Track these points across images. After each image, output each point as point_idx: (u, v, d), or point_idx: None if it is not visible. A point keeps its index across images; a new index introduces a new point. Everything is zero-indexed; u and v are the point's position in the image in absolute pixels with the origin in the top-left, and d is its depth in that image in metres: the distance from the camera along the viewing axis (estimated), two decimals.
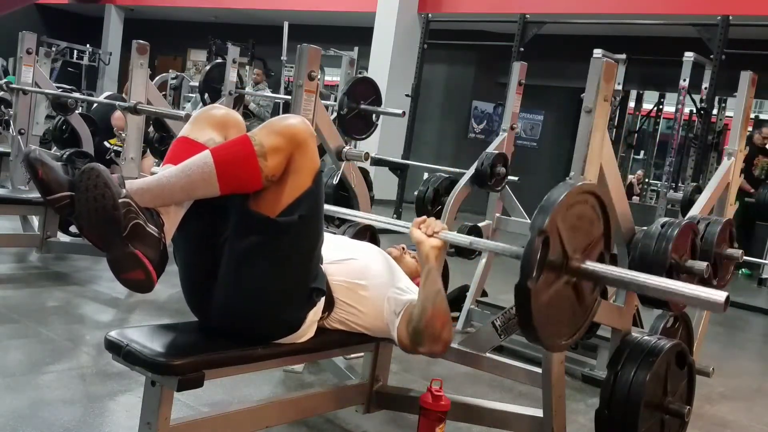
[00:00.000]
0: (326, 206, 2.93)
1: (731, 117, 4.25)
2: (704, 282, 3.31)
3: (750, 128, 4.53)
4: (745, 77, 3.92)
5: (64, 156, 5.81)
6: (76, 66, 19.13)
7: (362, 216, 3.69)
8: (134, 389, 3.21)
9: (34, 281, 5.08)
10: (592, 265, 2.31)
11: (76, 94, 6.96)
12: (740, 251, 3.45)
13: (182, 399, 2.98)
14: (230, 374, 2.55)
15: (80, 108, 7.05)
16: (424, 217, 2.76)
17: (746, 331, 6.86)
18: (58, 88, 7.21)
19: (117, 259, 2.17)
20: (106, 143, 7.19)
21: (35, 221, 5.69)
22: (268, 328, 2.52)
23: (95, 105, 8.12)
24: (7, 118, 7.06)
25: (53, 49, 15.94)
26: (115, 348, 2.30)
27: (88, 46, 19.49)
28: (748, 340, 6.45)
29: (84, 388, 3.28)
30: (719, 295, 2.10)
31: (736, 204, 4.10)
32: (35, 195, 5.09)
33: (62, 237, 5.63)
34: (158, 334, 2.44)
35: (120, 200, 2.12)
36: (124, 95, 5.63)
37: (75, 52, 19.22)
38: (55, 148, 6.70)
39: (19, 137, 5.83)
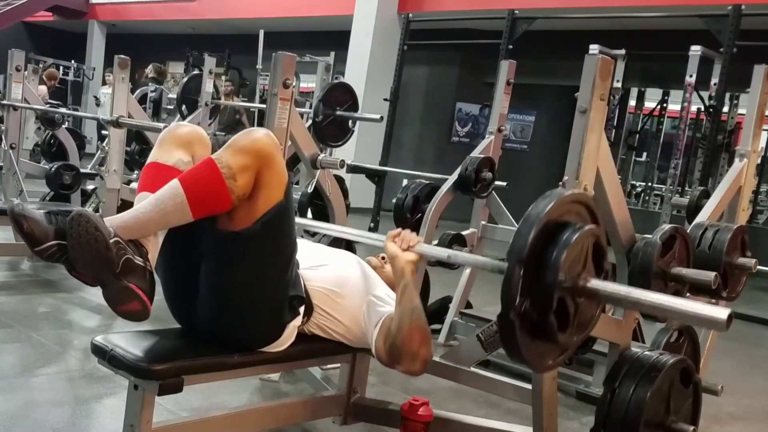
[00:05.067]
0: (297, 219, 3.05)
1: (744, 115, 4.26)
2: (713, 294, 3.36)
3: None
4: (759, 71, 3.92)
5: (52, 169, 6.60)
6: (61, 81, 20.21)
7: (333, 229, 3.73)
8: (119, 392, 3.51)
9: (26, 288, 5.72)
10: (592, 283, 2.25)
11: (63, 110, 7.99)
12: (753, 260, 3.48)
13: (163, 404, 3.17)
14: (209, 380, 2.79)
15: (66, 122, 7.79)
16: (399, 229, 2.88)
17: (762, 347, 6.92)
18: (46, 103, 7.98)
19: (113, 294, 2.40)
20: None
21: None
22: (251, 337, 2.73)
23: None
24: None
25: (40, 65, 16.47)
26: (100, 352, 2.58)
27: (72, 61, 21.23)
28: (763, 357, 6.49)
29: (72, 390, 3.68)
30: (720, 313, 2.05)
31: (749, 209, 4.09)
32: None
33: None
34: (141, 339, 2.68)
35: (111, 240, 2.32)
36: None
37: (61, 68, 20.53)
38: (44, 161, 7.51)
39: (10, 151, 6.56)
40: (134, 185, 5.28)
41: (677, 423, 2.88)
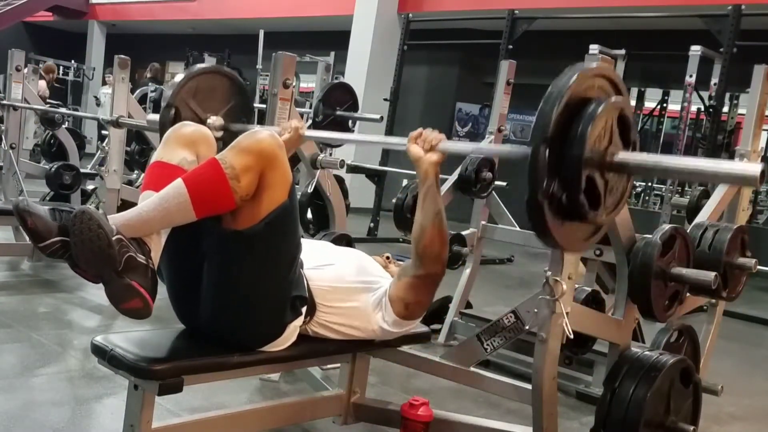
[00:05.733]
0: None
1: (744, 115, 4.29)
2: (713, 293, 3.36)
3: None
4: (759, 71, 3.93)
5: (52, 169, 6.62)
6: (61, 81, 20.38)
7: (354, 137, 3.74)
8: (119, 392, 3.51)
9: (26, 288, 5.68)
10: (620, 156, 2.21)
11: (63, 110, 8.06)
12: (753, 260, 3.48)
13: (163, 404, 3.19)
14: (209, 380, 2.79)
15: (67, 122, 7.85)
16: (420, 129, 2.87)
17: (762, 347, 6.91)
18: (47, 100, 7.77)
19: (115, 291, 2.40)
20: None
21: None
22: (250, 336, 2.73)
23: None
24: None
25: (40, 65, 16.52)
26: (100, 352, 2.57)
27: (72, 61, 21.16)
28: (763, 357, 6.49)
29: (72, 390, 3.67)
30: (753, 169, 2.00)
31: (749, 209, 4.09)
32: None
33: None
34: (141, 339, 2.70)
35: (113, 238, 2.33)
36: None
37: (61, 68, 20.42)
38: (44, 161, 7.54)
39: (10, 151, 6.55)
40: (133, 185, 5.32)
41: (677, 423, 2.88)
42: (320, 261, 2.96)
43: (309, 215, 5.41)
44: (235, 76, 3.87)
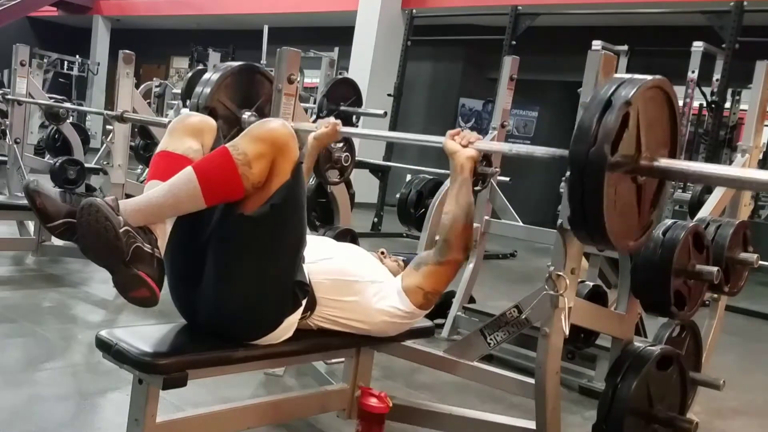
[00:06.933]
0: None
1: (746, 110, 4.29)
2: (714, 288, 3.36)
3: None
4: (761, 67, 3.91)
5: (57, 164, 6.72)
6: (66, 77, 20.39)
7: (386, 134, 3.75)
8: (123, 387, 3.48)
9: (30, 283, 5.69)
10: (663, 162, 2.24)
11: (67, 104, 7.84)
12: (755, 255, 3.48)
13: (168, 398, 3.14)
14: (213, 374, 2.79)
15: (71, 117, 7.84)
16: (459, 128, 2.97)
17: (763, 342, 6.91)
18: (50, 98, 8.06)
19: (122, 281, 2.44)
20: None
21: (31, 226, 6.42)
22: (249, 323, 2.69)
23: None
24: (3, 128, 7.81)
25: (45, 60, 16.60)
26: (105, 347, 2.55)
27: (77, 56, 20.98)
28: (765, 352, 6.49)
29: (76, 385, 3.68)
30: None
31: (751, 204, 4.09)
32: None
33: (56, 241, 6.01)
34: (146, 334, 2.68)
35: (121, 230, 2.35)
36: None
37: (65, 63, 20.56)
38: (48, 155, 7.58)
39: (15, 146, 6.59)
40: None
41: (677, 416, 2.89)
42: (318, 255, 2.95)
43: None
44: (266, 73, 3.95)
